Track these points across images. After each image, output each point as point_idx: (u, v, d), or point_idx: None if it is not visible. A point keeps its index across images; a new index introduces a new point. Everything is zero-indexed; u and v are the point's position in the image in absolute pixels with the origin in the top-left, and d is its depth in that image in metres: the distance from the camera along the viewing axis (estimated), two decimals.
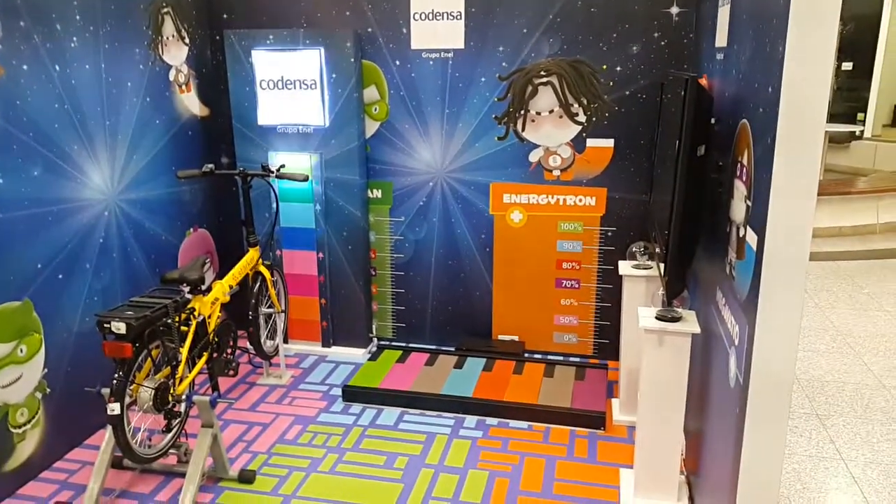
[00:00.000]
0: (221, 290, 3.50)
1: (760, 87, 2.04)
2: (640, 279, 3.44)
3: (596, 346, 4.41)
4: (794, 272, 1.85)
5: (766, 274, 1.87)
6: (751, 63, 2.22)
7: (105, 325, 2.74)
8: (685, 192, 2.44)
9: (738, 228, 2.26)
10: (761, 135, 2.01)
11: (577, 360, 4.35)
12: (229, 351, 3.64)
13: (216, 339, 3.45)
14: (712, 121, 2.66)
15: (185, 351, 3.13)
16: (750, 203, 2.10)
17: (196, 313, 3.26)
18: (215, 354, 3.46)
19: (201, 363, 3.34)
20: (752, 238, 2.05)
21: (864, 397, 3.98)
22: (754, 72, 2.15)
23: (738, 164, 2.29)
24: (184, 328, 3.19)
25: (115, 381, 2.72)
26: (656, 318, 2.78)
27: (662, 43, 3.92)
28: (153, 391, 2.89)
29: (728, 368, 2.28)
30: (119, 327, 2.72)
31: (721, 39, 2.82)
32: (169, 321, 3.04)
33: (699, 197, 2.59)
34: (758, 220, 1.99)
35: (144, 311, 2.86)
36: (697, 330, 2.69)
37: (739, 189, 2.26)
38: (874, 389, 4.07)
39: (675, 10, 3.87)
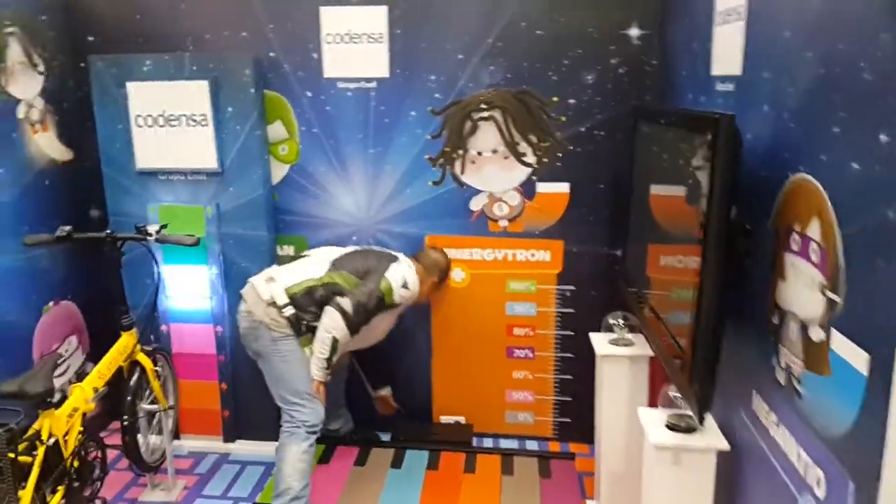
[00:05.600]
0: (82, 396, 2.64)
1: (850, 133, 1.43)
2: (621, 359, 2.80)
3: (556, 426, 3.74)
4: None
5: None
6: (816, 97, 1.61)
7: None
8: (718, 274, 1.81)
9: (802, 325, 1.64)
10: (857, 205, 1.40)
11: (536, 445, 3.66)
12: (97, 473, 2.76)
13: (75, 465, 2.58)
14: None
15: (27, 493, 2.26)
16: (839, 299, 1.46)
17: (44, 436, 2.39)
18: (76, 484, 2.58)
19: (55, 501, 2.46)
20: (848, 351, 1.42)
21: None
22: (829, 110, 1.53)
23: (796, 236, 1.67)
24: (25, 459, 2.32)
25: None
26: (668, 427, 2.13)
27: (621, 71, 3.34)
28: None
29: None
30: None
31: (727, 66, 2.23)
32: (1, 457, 2.18)
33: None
34: (861, 328, 1.36)
35: None
36: (726, 445, 2.06)
37: (803, 271, 1.64)
38: None
39: (634, 31, 3.29)
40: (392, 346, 3.58)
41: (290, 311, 2.98)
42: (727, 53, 2.24)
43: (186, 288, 3.53)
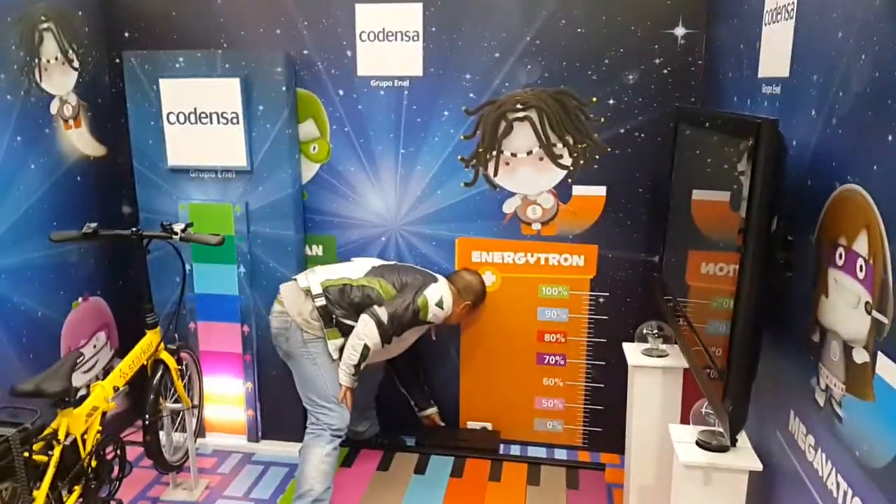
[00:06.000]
0: (102, 395, 2.62)
1: None
2: (654, 371, 2.69)
3: (586, 436, 3.63)
4: None
5: None
6: (869, 102, 1.49)
7: None
8: (756, 285, 1.70)
9: (845, 346, 1.52)
10: None
11: (565, 454, 3.56)
12: (116, 472, 2.75)
13: (93, 465, 2.56)
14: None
15: (41, 493, 2.25)
16: (886, 320, 1.35)
17: (61, 435, 2.38)
18: (93, 484, 2.57)
19: (72, 501, 2.45)
20: (894, 376, 1.31)
21: None
22: (883, 117, 1.42)
23: (841, 250, 1.56)
24: (41, 459, 2.30)
25: None
26: (698, 444, 2.02)
27: (665, 71, 3.22)
28: None
29: None
30: None
31: (775, 68, 2.11)
32: (15, 457, 2.16)
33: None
34: None
35: None
36: (759, 466, 1.94)
37: (847, 287, 1.52)
38: None
39: (680, 31, 3.17)
40: (420, 351, 3.52)
41: (321, 301, 3.02)
42: (775, 54, 2.13)
43: (214, 286, 3.51)
